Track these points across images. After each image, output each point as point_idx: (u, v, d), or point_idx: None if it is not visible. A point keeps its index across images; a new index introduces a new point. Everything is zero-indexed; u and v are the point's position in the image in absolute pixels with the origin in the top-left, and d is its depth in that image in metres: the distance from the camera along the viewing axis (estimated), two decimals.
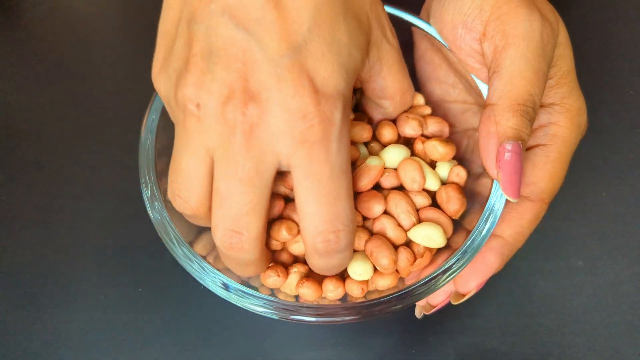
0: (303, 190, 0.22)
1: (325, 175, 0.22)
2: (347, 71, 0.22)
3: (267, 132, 0.21)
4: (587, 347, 0.34)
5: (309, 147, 0.21)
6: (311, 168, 0.21)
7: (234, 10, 0.20)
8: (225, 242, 0.23)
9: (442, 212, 0.28)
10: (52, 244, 0.37)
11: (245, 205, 0.22)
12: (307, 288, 0.27)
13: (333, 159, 0.22)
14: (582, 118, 0.28)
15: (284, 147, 0.21)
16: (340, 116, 0.21)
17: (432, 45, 0.31)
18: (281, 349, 0.35)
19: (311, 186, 0.22)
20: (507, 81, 0.25)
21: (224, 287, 0.26)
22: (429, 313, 0.30)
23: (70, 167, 0.40)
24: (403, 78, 0.27)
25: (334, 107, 0.21)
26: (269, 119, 0.21)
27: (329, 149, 0.21)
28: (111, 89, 0.43)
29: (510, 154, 0.25)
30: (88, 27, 0.46)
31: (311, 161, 0.21)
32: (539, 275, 0.36)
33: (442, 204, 0.29)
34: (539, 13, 0.26)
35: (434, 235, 0.27)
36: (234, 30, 0.21)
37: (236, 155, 0.21)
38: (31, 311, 0.35)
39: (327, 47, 0.21)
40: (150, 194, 0.28)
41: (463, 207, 0.28)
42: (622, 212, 0.38)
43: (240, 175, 0.22)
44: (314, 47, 0.21)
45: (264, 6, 0.20)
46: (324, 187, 0.22)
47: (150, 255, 0.37)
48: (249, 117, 0.21)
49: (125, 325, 0.35)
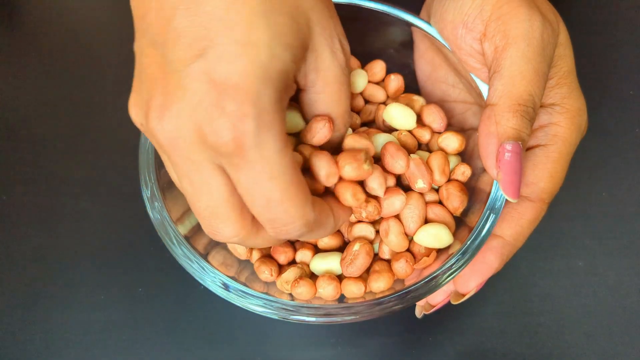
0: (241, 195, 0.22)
1: (253, 185, 0.21)
2: (267, 72, 0.20)
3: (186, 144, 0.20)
4: (587, 347, 0.34)
5: (228, 159, 0.20)
6: (238, 177, 0.21)
7: (154, 26, 0.20)
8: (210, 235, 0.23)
9: (446, 209, 0.28)
10: (52, 244, 0.37)
11: (204, 209, 0.22)
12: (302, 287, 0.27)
13: (257, 169, 0.20)
14: (582, 118, 0.28)
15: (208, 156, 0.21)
16: (253, 124, 0.20)
17: (432, 45, 0.31)
18: (281, 349, 0.35)
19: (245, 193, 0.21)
20: (508, 81, 0.25)
21: (224, 287, 0.26)
22: (429, 312, 0.30)
23: (70, 167, 0.40)
24: (338, 102, 0.25)
25: (243, 116, 0.19)
26: (183, 133, 0.20)
27: (247, 159, 0.20)
28: (111, 89, 0.43)
29: (510, 154, 0.25)
30: (88, 27, 0.46)
31: (236, 171, 0.21)
32: (539, 275, 0.36)
33: (443, 200, 0.29)
34: (540, 13, 0.26)
35: (441, 235, 0.27)
36: (153, 48, 0.21)
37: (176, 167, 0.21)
38: (31, 311, 0.35)
39: (239, 49, 0.20)
40: (150, 194, 0.28)
41: (463, 205, 0.28)
42: (622, 212, 0.38)
43: (189, 185, 0.22)
44: (224, 50, 0.20)
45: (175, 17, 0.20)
46: (253, 194, 0.21)
47: (150, 255, 0.37)
48: (167, 132, 0.20)
49: (125, 325, 0.35)
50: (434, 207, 0.28)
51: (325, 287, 0.28)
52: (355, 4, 0.31)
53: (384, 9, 0.31)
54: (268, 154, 0.20)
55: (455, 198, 0.28)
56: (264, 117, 0.20)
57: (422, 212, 0.28)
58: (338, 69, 0.24)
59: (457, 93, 0.32)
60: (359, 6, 0.31)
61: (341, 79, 0.24)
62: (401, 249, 0.28)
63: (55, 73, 0.44)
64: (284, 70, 0.21)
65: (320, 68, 0.23)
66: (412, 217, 0.28)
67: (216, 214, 0.22)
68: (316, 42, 0.23)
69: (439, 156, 0.29)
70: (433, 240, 0.27)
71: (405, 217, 0.28)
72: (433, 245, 0.28)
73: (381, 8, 0.31)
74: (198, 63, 0.20)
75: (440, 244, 0.28)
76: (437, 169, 0.28)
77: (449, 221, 0.28)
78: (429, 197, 0.29)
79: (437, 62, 0.32)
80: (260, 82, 0.20)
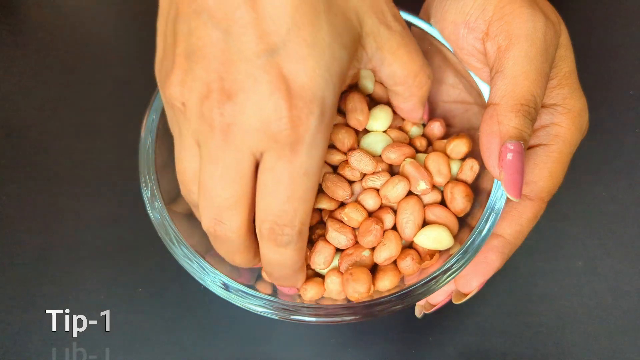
0: (262, 182, 0.22)
1: (286, 175, 0.22)
2: (330, 73, 0.22)
3: (243, 130, 0.21)
4: (587, 347, 0.34)
5: (280, 147, 0.21)
6: (275, 164, 0.22)
7: (213, 10, 0.21)
8: (210, 229, 0.24)
9: (449, 210, 0.28)
10: (52, 244, 0.37)
11: (226, 199, 0.23)
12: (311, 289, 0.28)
13: (299, 162, 0.22)
14: (583, 119, 0.28)
15: (258, 144, 0.22)
16: (316, 122, 0.21)
17: (432, 45, 0.31)
18: (281, 349, 0.35)
19: (270, 180, 0.22)
20: (511, 81, 0.25)
21: (224, 287, 0.26)
22: (429, 312, 0.30)
23: (70, 167, 0.40)
24: (411, 61, 0.26)
25: (310, 113, 0.21)
26: (245, 119, 0.21)
27: (297, 152, 0.22)
28: (111, 89, 0.43)
29: (512, 153, 0.25)
30: (88, 27, 0.46)
31: (278, 158, 0.22)
32: (539, 275, 0.36)
33: (447, 202, 0.29)
34: (543, 14, 0.26)
35: (442, 237, 0.27)
36: (213, 31, 0.21)
37: (216, 152, 0.22)
38: (31, 311, 0.35)
39: (307, 49, 0.21)
40: (151, 194, 0.28)
41: (467, 207, 0.28)
42: (622, 212, 0.38)
43: (220, 172, 0.22)
44: (293, 49, 0.21)
45: (242, 6, 0.20)
46: (282, 185, 0.22)
47: (150, 255, 0.37)
48: (225, 117, 0.21)
49: (125, 325, 0.35)
50: (435, 209, 0.28)
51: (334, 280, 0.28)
52: None
53: None
54: (314, 153, 0.22)
55: (460, 200, 0.28)
56: (324, 118, 0.22)
57: (419, 217, 0.28)
58: (398, 37, 0.25)
59: (457, 93, 0.32)
60: None
61: (404, 42, 0.26)
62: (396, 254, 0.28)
63: (55, 73, 0.44)
64: (342, 70, 0.22)
65: (382, 45, 0.25)
66: (408, 223, 0.28)
67: (236, 204, 0.23)
68: (369, 26, 0.24)
69: (436, 157, 0.29)
70: (433, 243, 0.27)
71: (401, 223, 0.28)
72: (434, 248, 0.28)
73: None
74: (270, 57, 0.21)
75: (441, 246, 0.28)
76: (434, 171, 0.28)
77: (450, 222, 0.28)
78: (430, 198, 0.29)
79: (436, 62, 0.32)
80: (325, 84, 0.21)
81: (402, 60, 0.26)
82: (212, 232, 0.24)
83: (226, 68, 0.21)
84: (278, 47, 0.21)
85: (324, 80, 0.21)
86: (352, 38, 0.23)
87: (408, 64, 0.26)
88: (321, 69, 0.21)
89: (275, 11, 0.20)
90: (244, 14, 0.20)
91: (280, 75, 0.21)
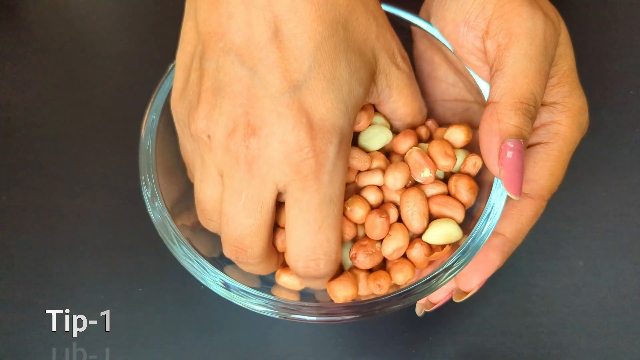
0: (292, 216, 0.24)
1: (313, 204, 0.23)
2: (346, 106, 0.23)
3: (267, 163, 0.22)
4: (587, 347, 0.34)
5: (303, 178, 0.23)
6: (302, 196, 0.23)
7: (240, 49, 0.22)
8: (232, 256, 0.25)
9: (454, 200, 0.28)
10: (52, 244, 0.37)
11: (248, 227, 0.24)
12: None
13: (324, 190, 0.23)
14: (583, 117, 0.28)
15: (281, 176, 0.23)
16: (335, 150, 0.23)
17: (432, 44, 0.31)
18: (281, 348, 0.35)
19: (299, 213, 0.23)
20: (510, 79, 0.25)
21: (224, 287, 0.26)
22: (430, 310, 0.30)
23: (70, 167, 0.40)
24: (414, 101, 0.28)
25: (329, 142, 0.23)
26: (269, 152, 0.22)
27: (320, 180, 0.23)
28: (111, 89, 0.43)
29: (512, 152, 0.25)
30: (88, 27, 0.46)
31: (303, 190, 0.23)
32: (539, 275, 0.36)
33: (451, 195, 0.28)
34: (542, 12, 0.26)
35: (450, 231, 0.27)
36: (240, 68, 0.22)
37: (240, 183, 0.23)
38: (31, 311, 0.35)
39: (326, 85, 0.22)
40: (151, 194, 0.28)
41: (472, 199, 0.28)
42: (622, 212, 0.38)
43: (243, 202, 0.23)
44: (314, 84, 0.22)
45: (267, 46, 0.22)
46: (311, 215, 0.23)
47: (150, 255, 0.37)
48: (250, 150, 0.22)
49: (125, 325, 0.35)
50: (439, 200, 0.28)
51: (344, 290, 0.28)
52: None
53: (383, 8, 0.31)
54: (335, 179, 0.23)
55: (464, 194, 0.28)
56: (342, 146, 0.23)
57: (423, 207, 0.27)
58: (405, 77, 0.27)
59: (457, 92, 0.32)
60: None
61: (409, 83, 0.28)
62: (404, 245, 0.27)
63: (55, 72, 0.44)
64: (357, 104, 0.24)
65: (391, 83, 0.27)
66: (414, 215, 0.27)
67: (258, 231, 0.24)
68: (382, 65, 0.26)
69: (438, 143, 0.28)
70: (444, 239, 0.27)
71: (406, 215, 0.27)
72: (445, 242, 0.27)
73: None
74: (292, 93, 0.22)
75: (451, 240, 0.27)
76: (439, 155, 0.28)
77: (457, 212, 0.28)
78: (435, 190, 0.29)
79: (436, 61, 0.32)
80: (342, 116, 0.23)
81: (407, 99, 0.28)
82: (235, 259, 0.25)
83: (252, 104, 0.22)
84: (300, 84, 0.22)
85: (341, 112, 0.23)
86: (368, 74, 0.25)
87: (411, 104, 0.28)
88: (339, 102, 0.23)
89: (299, 51, 0.22)
90: (269, 53, 0.22)
91: (301, 109, 0.22)
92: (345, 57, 0.23)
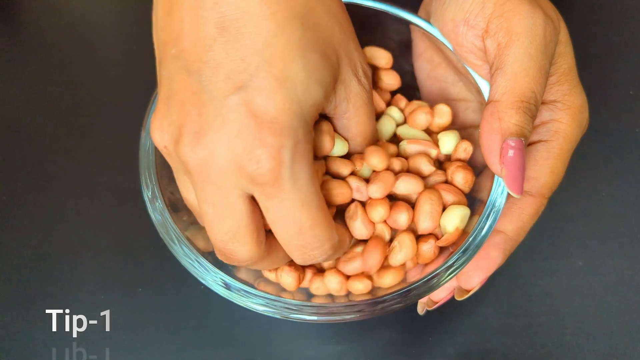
0: (270, 221, 0.23)
1: (284, 212, 0.22)
2: (301, 107, 0.21)
3: (219, 171, 0.21)
4: (587, 347, 0.34)
5: (262, 187, 0.21)
6: (269, 204, 0.22)
7: (188, 53, 0.21)
8: (223, 259, 0.24)
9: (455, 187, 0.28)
10: (52, 244, 0.37)
11: (225, 234, 0.23)
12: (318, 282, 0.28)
13: (290, 196, 0.22)
14: (583, 115, 0.28)
15: (240, 183, 0.22)
16: (289, 155, 0.21)
17: (431, 43, 0.31)
18: (281, 348, 0.35)
19: (274, 220, 0.22)
20: (511, 78, 0.25)
21: (225, 287, 0.26)
22: (432, 309, 0.31)
23: (70, 167, 0.40)
24: (368, 122, 0.27)
25: (281, 147, 0.21)
26: (217, 160, 0.21)
27: (282, 188, 0.21)
28: (111, 89, 0.43)
29: (513, 150, 0.25)
30: (88, 27, 0.46)
31: (268, 199, 0.22)
32: (539, 275, 0.36)
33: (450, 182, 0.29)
34: (542, 10, 0.26)
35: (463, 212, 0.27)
36: (186, 74, 0.21)
37: (204, 192, 0.22)
38: (31, 311, 0.35)
39: (277, 84, 0.21)
40: (151, 195, 0.28)
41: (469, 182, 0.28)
42: (622, 212, 0.38)
43: (212, 209, 0.22)
44: (262, 84, 0.21)
45: (213, 47, 0.21)
46: (287, 221, 0.22)
47: (150, 255, 0.37)
48: (198, 159, 0.21)
49: (125, 325, 0.35)
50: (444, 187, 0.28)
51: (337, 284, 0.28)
52: (354, 2, 0.31)
53: (383, 7, 0.31)
54: (300, 183, 0.22)
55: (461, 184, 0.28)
56: (298, 148, 0.21)
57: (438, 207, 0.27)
58: (365, 94, 0.25)
59: (457, 91, 0.32)
60: (358, 5, 0.31)
61: (368, 102, 0.26)
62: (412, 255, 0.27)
63: (55, 72, 0.44)
64: (316, 105, 0.22)
65: (350, 97, 0.25)
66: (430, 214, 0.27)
67: (236, 237, 0.23)
68: (344, 74, 0.24)
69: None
70: (460, 222, 0.27)
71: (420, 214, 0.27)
72: (462, 225, 0.27)
73: (380, 7, 0.31)
74: (238, 95, 0.20)
75: (466, 221, 0.28)
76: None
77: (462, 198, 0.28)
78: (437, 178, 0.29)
79: (436, 60, 0.32)
80: (296, 117, 0.21)
81: (362, 118, 0.26)
82: (226, 260, 0.24)
83: (198, 110, 0.21)
84: (246, 85, 0.21)
85: (294, 113, 0.21)
86: (330, 77, 0.23)
87: (364, 124, 0.26)
88: (292, 102, 0.21)
89: (246, 50, 0.21)
90: (214, 55, 0.21)
91: (249, 112, 0.20)
92: (302, 56, 0.21)
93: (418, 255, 0.28)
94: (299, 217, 0.22)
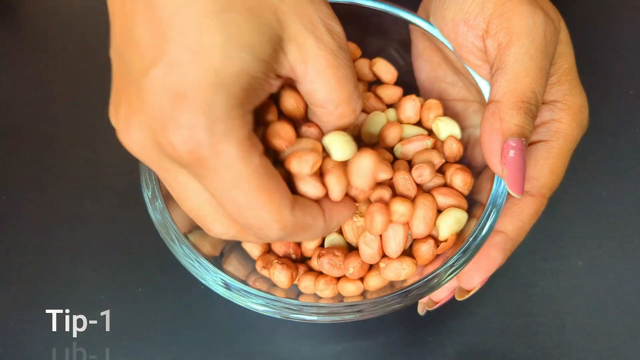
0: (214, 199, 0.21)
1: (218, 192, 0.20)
2: (220, 78, 0.19)
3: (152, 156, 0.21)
4: (587, 347, 0.34)
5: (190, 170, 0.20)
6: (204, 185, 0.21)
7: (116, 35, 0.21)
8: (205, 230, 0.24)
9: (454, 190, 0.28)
10: (52, 244, 0.37)
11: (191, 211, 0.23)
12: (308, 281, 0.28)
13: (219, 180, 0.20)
14: (583, 115, 0.28)
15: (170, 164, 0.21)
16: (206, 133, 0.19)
17: (431, 43, 0.31)
18: (281, 348, 0.35)
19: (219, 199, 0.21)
20: (512, 78, 0.25)
21: (225, 286, 0.26)
22: (432, 309, 0.31)
23: (70, 167, 0.40)
24: (338, 87, 0.23)
25: (194, 126, 0.19)
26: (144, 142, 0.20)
27: (209, 169, 0.20)
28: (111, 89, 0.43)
29: (514, 150, 0.25)
30: (88, 26, 0.46)
31: (200, 180, 0.21)
32: (539, 275, 0.36)
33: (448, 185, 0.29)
34: (542, 10, 0.26)
35: (459, 218, 0.27)
36: (118, 60, 0.21)
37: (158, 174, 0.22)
38: (31, 311, 0.35)
39: (190, 56, 0.19)
40: (152, 195, 0.28)
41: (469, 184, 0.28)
42: (622, 212, 0.38)
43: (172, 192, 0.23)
44: (175, 58, 0.19)
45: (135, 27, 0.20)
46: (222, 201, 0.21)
47: (150, 255, 0.37)
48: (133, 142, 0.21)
49: (125, 325, 0.35)
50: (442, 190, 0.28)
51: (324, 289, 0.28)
52: (354, 3, 0.31)
53: (383, 7, 0.31)
54: (228, 162, 0.19)
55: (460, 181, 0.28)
56: (218, 125, 0.19)
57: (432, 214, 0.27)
58: (329, 54, 0.22)
59: (457, 91, 0.32)
60: (358, 5, 0.31)
61: (335, 63, 0.22)
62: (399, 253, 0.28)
63: (55, 72, 0.44)
64: (242, 72, 0.19)
65: (307, 58, 0.22)
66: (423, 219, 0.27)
67: (203, 214, 0.22)
68: (293, 31, 0.21)
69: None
70: (456, 227, 0.27)
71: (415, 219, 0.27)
72: (456, 230, 0.28)
73: (380, 7, 0.31)
74: (153, 73, 0.19)
75: (462, 225, 0.28)
76: None
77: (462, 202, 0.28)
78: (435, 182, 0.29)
79: (435, 60, 0.32)
80: (212, 90, 0.19)
81: (328, 83, 0.22)
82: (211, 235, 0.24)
83: (126, 93, 0.20)
84: (159, 61, 0.19)
85: (211, 85, 0.19)
86: (262, 38, 0.20)
87: (333, 89, 0.23)
88: (208, 73, 0.19)
89: (160, 22, 0.19)
90: (135, 34, 0.20)
91: (163, 90, 0.19)
92: (218, 20, 0.19)
93: (417, 256, 0.28)
94: (234, 197, 0.20)
